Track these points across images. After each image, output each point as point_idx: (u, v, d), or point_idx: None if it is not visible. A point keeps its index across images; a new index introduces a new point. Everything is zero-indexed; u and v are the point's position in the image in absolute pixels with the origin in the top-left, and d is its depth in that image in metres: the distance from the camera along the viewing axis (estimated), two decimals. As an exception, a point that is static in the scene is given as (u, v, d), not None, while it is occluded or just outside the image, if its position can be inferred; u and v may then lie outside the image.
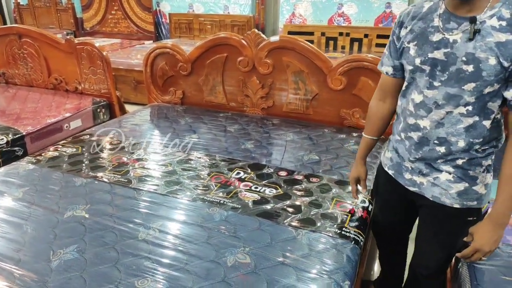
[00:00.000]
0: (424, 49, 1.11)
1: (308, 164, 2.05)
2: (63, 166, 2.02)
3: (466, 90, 1.05)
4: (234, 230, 1.50)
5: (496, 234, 1.13)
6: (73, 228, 1.52)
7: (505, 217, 1.11)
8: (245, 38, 2.65)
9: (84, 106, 2.98)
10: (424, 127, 1.17)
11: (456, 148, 1.13)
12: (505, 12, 0.99)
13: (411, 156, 1.22)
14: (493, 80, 1.02)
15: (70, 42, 3.14)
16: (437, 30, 1.09)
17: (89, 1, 6.29)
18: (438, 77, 1.10)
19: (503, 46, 0.98)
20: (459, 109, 1.09)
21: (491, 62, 1.00)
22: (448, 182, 1.18)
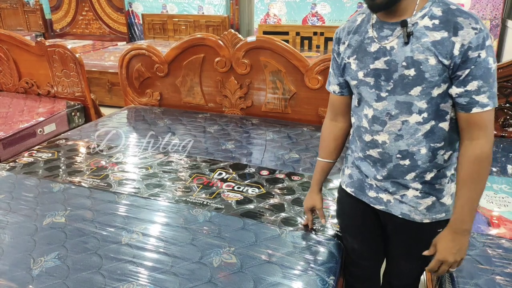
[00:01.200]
0: (365, 61, 1.09)
1: (289, 163, 2.08)
2: (39, 172, 1.97)
3: (414, 96, 1.02)
4: (218, 230, 1.51)
5: (458, 243, 1.06)
6: (53, 235, 1.49)
7: (464, 224, 1.05)
8: (222, 39, 2.65)
9: (57, 110, 2.90)
10: (383, 142, 1.11)
11: (420, 156, 1.08)
12: (436, 11, 0.98)
13: (378, 174, 1.16)
14: (439, 80, 0.99)
15: (40, 44, 3.05)
16: (373, 40, 1.07)
17: (58, 2, 6.12)
18: (383, 88, 1.06)
19: (439, 44, 0.96)
20: (415, 118, 1.05)
21: (431, 62, 0.98)
22: (416, 199, 1.13)
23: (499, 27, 4.22)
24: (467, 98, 0.98)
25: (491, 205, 1.66)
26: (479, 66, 0.95)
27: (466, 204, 1.04)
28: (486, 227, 1.53)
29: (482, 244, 1.43)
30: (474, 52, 0.94)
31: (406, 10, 1.01)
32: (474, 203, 1.05)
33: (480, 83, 0.96)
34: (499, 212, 1.62)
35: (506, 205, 1.67)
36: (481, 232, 1.50)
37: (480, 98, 0.97)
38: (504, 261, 1.36)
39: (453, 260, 1.08)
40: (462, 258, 1.10)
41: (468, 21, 0.95)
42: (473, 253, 1.39)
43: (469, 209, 1.05)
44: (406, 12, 1.01)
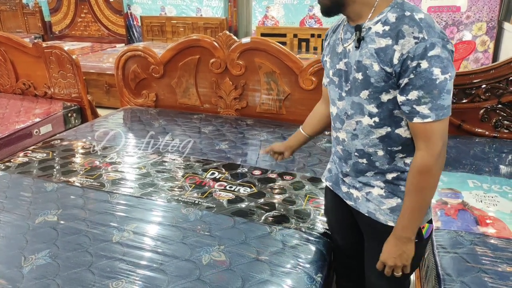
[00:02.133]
0: (333, 61, 1.12)
1: (282, 163, 2.09)
2: (33, 172, 1.98)
3: (363, 98, 1.04)
4: (209, 229, 1.52)
5: (399, 249, 1.07)
6: (45, 233, 1.50)
7: (405, 231, 1.05)
8: (217, 40, 2.67)
9: (54, 111, 2.92)
10: (343, 140, 1.16)
11: (377, 158, 1.10)
12: (391, 17, 0.97)
13: (343, 170, 1.21)
14: (385, 86, 0.99)
15: (37, 46, 3.07)
16: (340, 41, 1.10)
17: (57, 4, 6.15)
18: (343, 88, 1.10)
19: (382, 52, 0.97)
20: (367, 120, 1.06)
21: (375, 68, 0.99)
22: (380, 198, 1.13)
23: (495, 29, 4.23)
24: (409, 107, 0.97)
25: (480, 204, 1.67)
26: (419, 76, 0.92)
27: (406, 213, 1.05)
28: (474, 226, 1.54)
29: (470, 243, 1.44)
30: (413, 61, 0.92)
31: (360, 15, 1.03)
32: (416, 212, 1.04)
33: (420, 94, 0.94)
34: (488, 211, 1.63)
35: (496, 204, 1.68)
36: (469, 231, 1.51)
37: (421, 109, 0.95)
38: (492, 259, 1.37)
39: (392, 264, 1.09)
40: (405, 264, 1.09)
41: (412, 29, 0.93)
42: (460, 251, 1.40)
43: (409, 217, 1.05)
44: (361, 17, 1.03)
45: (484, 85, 2.28)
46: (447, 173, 1.93)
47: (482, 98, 2.30)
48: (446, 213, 1.62)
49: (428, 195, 1.04)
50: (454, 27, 4.25)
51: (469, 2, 4.24)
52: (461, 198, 1.72)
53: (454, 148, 2.18)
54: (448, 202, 1.70)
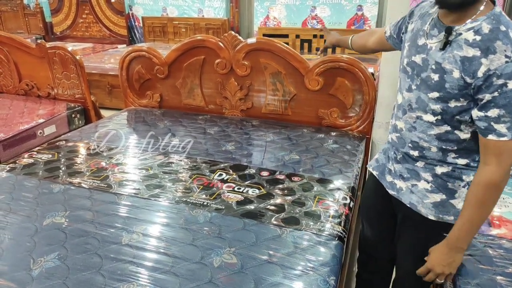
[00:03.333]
0: (411, 51, 1.12)
1: (289, 164, 2.07)
2: (39, 173, 1.97)
3: (431, 98, 1.05)
4: (219, 231, 1.51)
5: (450, 258, 1.09)
6: (53, 235, 1.48)
7: (460, 242, 1.08)
8: (222, 40, 2.66)
9: (58, 112, 2.90)
10: (401, 129, 1.19)
11: (430, 153, 1.12)
12: (485, 27, 0.96)
13: (396, 156, 1.23)
14: (458, 94, 1.00)
15: (41, 46, 3.05)
16: (424, 34, 1.09)
17: (58, 5, 6.14)
18: (415, 81, 1.11)
19: (468, 61, 0.96)
20: (428, 117, 1.08)
21: (454, 75, 0.99)
22: (425, 191, 1.15)
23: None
24: (486, 124, 0.98)
25: (492, 206, 1.66)
26: (503, 96, 0.93)
27: (465, 224, 1.05)
28: (487, 227, 1.53)
29: (483, 245, 1.43)
30: (500, 79, 0.92)
31: (462, 18, 1.00)
32: (474, 225, 1.05)
33: (501, 112, 0.94)
34: (499, 213, 1.62)
35: (507, 205, 1.66)
36: (482, 233, 1.49)
37: (499, 127, 0.96)
38: (505, 261, 1.36)
39: (440, 272, 1.10)
40: (451, 272, 1.11)
41: (505, 47, 0.92)
42: (474, 253, 1.39)
43: (467, 229, 1.05)
44: (461, 20, 1.00)
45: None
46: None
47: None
48: (458, 215, 1.61)
49: (490, 210, 1.05)
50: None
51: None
52: (471, 199, 1.71)
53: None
54: (459, 203, 1.69)
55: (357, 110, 2.53)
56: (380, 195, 1.32)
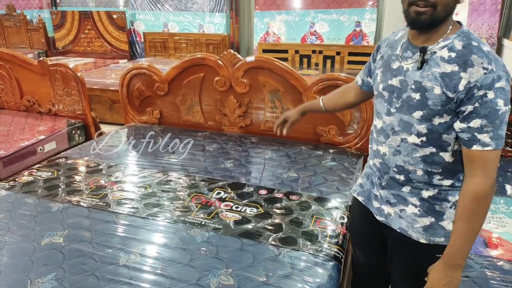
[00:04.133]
0: (386, 76, 1.15)
1: (287, 182, 2.08)
2: (38, 191, 1.98)
3: (415, 118, 1.06)
4: (216, 251, 1.51)
5: (448, 276, 1.06)
6: (50, 255, 1.49)
7: (457, 258, 1.06)
8: (222, 59, 2.70)
9: (58, 128, 2.93)
10: (384, 153, 1.18)
11: (415, 176, 1.12)
12: (457, 44, 1.01)
13: (381, 182, 1.22)
14: (441, 110, 1.02)
15: (43, 63, 3.09)
16: (397, 58, 1.13)
17: (61, 20, 6.22)
18: (394, 104, 1.12)
19: (447, 77, 0.99)
20: (413, 138, 1.09)
21: (436, 92, 1.01)
22: (414, 216, 1.15)
23: (495, 46, 4.28)
24: (469, 135, 1.00)
25: (489, 226, 1.66)
26: (484, 106, 0.96)
27: (458, 239, 1.05)
28: (484, 248, 1.53)
29: (480, 266, 1.43)
30: (480, 91, 0.96)
31: (433, 37, 1.05)
32: (467, 239, 1.05)
33: (484, 122, 0.97)
34: (497, 233, 1.62)
35: (504, 225, 1.67)
36: (479, 253, 1.50)
37: (482, 137, 0.98)
38: (503, 283, 1.36)
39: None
40: None
41: (481, 60, 0.96)
42: (471, 275, 1.39)
43: (460, 244, 1.05)
44: (431, 39, 1.05)
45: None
46: (454, 193, 1.93)
47: (486, 116, 2.30)
48: (455, 235, 1.61)
49: (481, 222, 1.05)
50: (454, 44, 4.29)
51: (469, 19, 4.30)
52: (468, 219, 1.71)
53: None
54: (456, 223, 1.69)
55: (355, 127, 2.55)
56: (368, 221, 1.31)
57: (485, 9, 4.24)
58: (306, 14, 5.23)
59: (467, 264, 1.43)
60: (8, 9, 6.33)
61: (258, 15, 5.40)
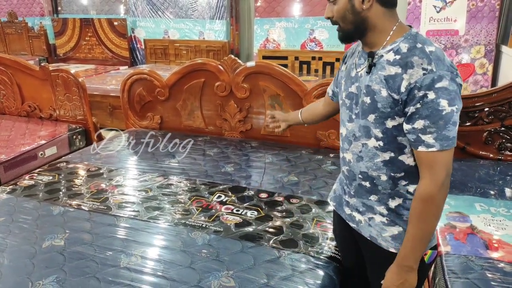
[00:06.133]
0: (347, 84, 1.17)
1: (288, 186, 2.09)
2: (39, 195, 1.98)
3: (369, 121, 1.07)
4: (217, 253, 1.51)
5: (401, 277, 1.07)
6: (52, 258, 1.49)
7: (407, 260, 1.06)
8: (222, 64, 2.72)
9: (59, 133, 2.94)
10: (349, 161, 1.18)
11: (380, 182, 1.11)
12: (403, 47, 1.01)
13: (350, 190, 1.22)
14: (391, 112, 1.02)
15: (44, 69, 3.11)
16: (354, 66, 1.15)
17: (62, 27, 6.26)
18: (353, 110, 1.14)
19: (391, 79, 1.00)
20: (372, 142, 1.09)
21: (383, 94, 1.02)
22: (382, 225, 1.14)
23: (493, 52, 4.31)
24: (414, 136, 1.00)
25: (489, 228, 1.67)
26: (425, 106, 0.96)
27: (409, 241, 1.05)
28: (484, 250, 1.53)
29: (481, 268, 1.43)
30: (420, 91, 0.95)
31: (375, 43, 1.08)
32: (417, 242, 1.04)
33: (426, 123, 0.96)
34: (497, 235, 1.62)
35: (504, 228, 1.67)
36: (480, 256, 1.50)
37: (426, 138, 0.98)
38: (503, 284, 1.36)
39: None
40: None
41: (421, 61, 0.97)
42: (471, 277, 1.39)
43: (411, 246, 1.05)
44: (376, 45, 1.08)
45: (487, 108, 2.30)
46: (454, 196, 1.93)
47: (485, 121, 2.32)
48: (455, 237, 1.61)
49: (431, 225, 1.04)
50: (452, 50, 4.33)
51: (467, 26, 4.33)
52: (469, 222, 1.72)
53: (459, 171, 2.18)
54: (457, 226, 1.69)
55: (355, 132, 2.56)
56: (344, 226, 1.30)
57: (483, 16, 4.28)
58: (306, 21, 5.27)
59: (467, 266, 1.44)
60: (10, 17, 6.38)
61: (258, 22, 5.44)
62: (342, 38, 1.12)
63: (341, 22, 1.08)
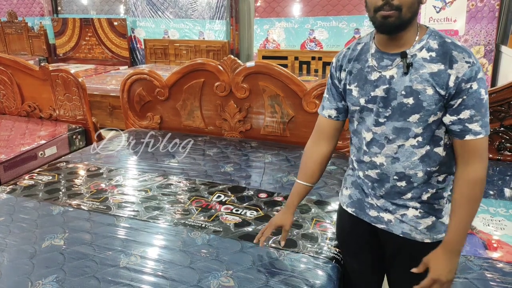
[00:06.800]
0: (366, 88, 1.13)
1: (287, 186, 2.09)
2: (39, 195, 1.98)
3: (412, 122, 1.07)
4: (216, 253, 1.51)
5: (451, 263, 1.09)
6: (51, 257, 1.49)
7: (458, 244, 1.09)
8: (222, 64, 2.72)
9: (59, 133, 2.94)
10: (381, 164, 1.16)
11: (416, 179, 1.13)
12: (432, 44, 1.04)
13: (377, 193, 1.20)
14: (435, 109, 1.04)
15: (44, 69, 3.11)
16: (373, 69, 1.11)
17: (62, 27, 6.26)
18: (382, 114, 1.11)
19: (436, 76, 1.02)
20: (410, 141, 1.09)
21: (429, 92, 1.03)
22: (416, 218, 1.16)
23: (493, 52, 4.31)
24: (461, 126, 1.04)
25: (488, 228, 1.67)
26: (471, 97, 1.01)
27: (460, 225, 1.08)
28: (483, 250, 1.53)
29: (479, 268, 1.43)
30: (467, 83, 1.01)
31: (406, 41, 1.07)
32: (468, 225, 1.09)
33: (472, 112, 1.02)
34: (496, 235, 1.63)
35: (503, 228, 1.67)
36: (478, 256, 1.50)
37: (473, 126, 1.03)
38: (502, 284, 1.36)
39: (445, 280, 1.09)
40: (453, 278, 1.12)
41: (462, 55, 1.01)
42: (470, 277, 1.39)
43: (463, 230, 1.09)
44: (406, 44, 1.07)
45: (486, 109, 2.31)
46: (453, 196, 1.93)
47: (485, 121, 2.32)
48: (454, 237, 1.62)
49: (477, 207, 1.09)
50: (452, 50, 4.32)
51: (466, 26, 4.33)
52: (468, 222, 1.72)
53: (458, 171, 2.18)
54: (455, 225, 1.69)
55: (355, 132, 2.57)
56: (361, 230, 1.29)
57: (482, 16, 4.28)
58: (306, 21, 5.27)
59: (466, 266, 1.44)
60: (10, 16, 6.38)
61: (258, 22, 5.45)
62: (395, 27, 1.02)
63: (406, 8, 1.00)
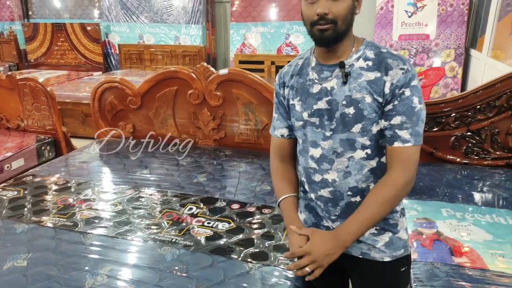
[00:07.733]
0: (308, 102, 1.12)
1: (261, 195, 2.08)
2: (2, 212, 1.91)
3: (355, 133, 1.06)
4: (186, 269, 1.49)
5: (332, 249, 1.06)
6: (13, 280, 1.44)
7: (348, 236, 1.06)
8: (195, 72, 2.69)
9: (27, 144, 2.85)
10: (333, 180, 1.11)
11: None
12: (369, 53, 1.07)
13: (331, 214, 1.15)
14: (376, 117, 1.05)
15: (11, 78, 3.02)
16: (314, 82, 1.11)
17: (33, 33, 6.09)
18: (327, 127, 1.10)
19: (373, 83, 1.04)
20: (359, 154, 1.08)
21: (367, 100, 1.04)
22: (373, 236, 1.13)
23: (463, 55, 4.42)
24: (391, 132, 1.05)
25: (454, 234, 1.70)
26: (402, 103, 1.03)
27: (359, 220, 1.07)
28: (449, 256, 1.56)
29: (446, 274, 1.46)
30: (400, 89, 1.02)
31: (344, 52, 1.09)
32: (368, 224, 1.07)
33: (403, 119, 1.03)
34: (462, 241, 1.66)
35: (469, 233, 1.71)
36: (444, 262, 1.52)
37: (402, 134, 1.03)
38: (468, 291, 1.38)
39: (315, 258, 1.05)
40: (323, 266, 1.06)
41: (397, 62, 1.04)
42: (437, 284, 1.41)
43: (359, 226, 1.07)
44: (343, 54, 1.09)
45: (453, 114, 2.36)
46: (422, 202, 1.97)
47: (452, 126, 2.37)
48: (422, 244, 1.64)
49: (386, 212, 1.08)
50: (424, 54, 4.42)
51: (437, 30, 4.43)
52: (435, 228, 1.75)
53: (427, 176, 2.22)
54: (423, 232, 1.72)
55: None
56: None
57: (452, 20, 4.39)
58: (282, 25, 5.29)
59: (432, 273, 1.46)
60: (-22, 22, 6.17)
61: (234, 26, 5.43)
62: (332, 39, 1.04)
63: (341, 21, 1.02)
